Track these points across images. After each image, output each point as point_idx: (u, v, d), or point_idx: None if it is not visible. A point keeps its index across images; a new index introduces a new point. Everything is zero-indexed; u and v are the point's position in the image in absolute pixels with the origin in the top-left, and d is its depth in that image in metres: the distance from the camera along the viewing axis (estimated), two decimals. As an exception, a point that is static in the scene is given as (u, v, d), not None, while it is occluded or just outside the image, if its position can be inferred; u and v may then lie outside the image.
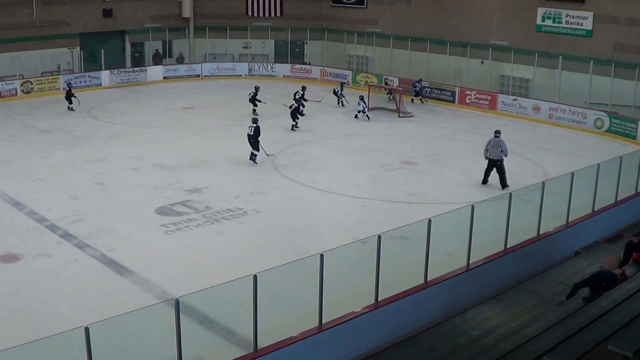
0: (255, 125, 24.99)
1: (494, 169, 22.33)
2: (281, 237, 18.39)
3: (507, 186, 21.58)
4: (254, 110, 32.50)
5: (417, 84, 37.33)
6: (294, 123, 30.35)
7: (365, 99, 33.33)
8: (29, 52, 37.79)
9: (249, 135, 24.93)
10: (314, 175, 23.78)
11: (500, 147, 22.17)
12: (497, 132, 22.71)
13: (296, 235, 18.44)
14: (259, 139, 24.91)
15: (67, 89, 34.26)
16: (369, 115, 32.93)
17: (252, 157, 24.90)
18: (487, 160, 22.46)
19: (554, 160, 26.05)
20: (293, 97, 32.35)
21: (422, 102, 37.14)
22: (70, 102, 33.66)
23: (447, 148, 28.20)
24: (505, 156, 22.34)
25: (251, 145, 24.97)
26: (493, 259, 14.85)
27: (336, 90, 35.95)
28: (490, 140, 22.55)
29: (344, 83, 37.54)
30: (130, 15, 42.90)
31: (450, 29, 38.80)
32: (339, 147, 27.83)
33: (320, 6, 46.21)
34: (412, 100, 36.81)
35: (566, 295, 12.96)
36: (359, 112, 32.99)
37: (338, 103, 35.84)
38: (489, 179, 22.55)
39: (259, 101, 32.81)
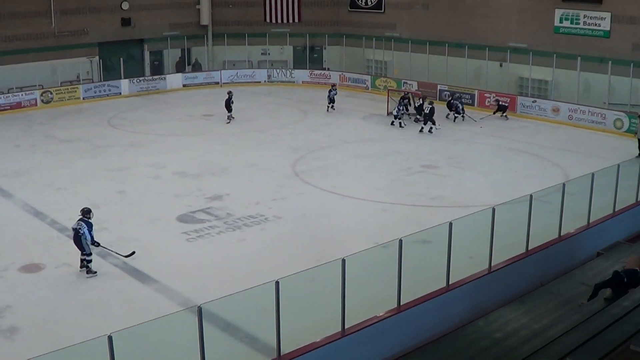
0: (431, 106, 30.47)
1: None
2: (303, 242, 18.45)
3: None
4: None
5: (498, 99, 34.81)
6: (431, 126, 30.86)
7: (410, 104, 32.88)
8: (48, 62, 38.13)
9: (425, 115, 30.42)
10: (334, 180, 23.79)
11: None
12: None
13: (318, 241, 18.49)
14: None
15: (228, 97, 33.11)
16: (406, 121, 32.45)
17: (429, 129, 30.21)
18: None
19: (574, 162, 25.91)
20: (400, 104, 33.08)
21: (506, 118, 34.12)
22: (229, 110, 33.02)
23: (467, 151, 28.14)
24: None
25: (431, 122, 30.15)
26: (515, 261, 14.81)
27: (331, 93, 35.32)
28: None
29: (334, 86, 36.53)
30: (148, 24, 43.04)
31: (468, 32, 38.64)
32: (359, 152, 27.78)
33: (338, 11, 46.18)
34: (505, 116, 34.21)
35: (588, 297, 12.90)
36: (417, 116, 32.58)
37: (328, 110, 35.33)
38: None
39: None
